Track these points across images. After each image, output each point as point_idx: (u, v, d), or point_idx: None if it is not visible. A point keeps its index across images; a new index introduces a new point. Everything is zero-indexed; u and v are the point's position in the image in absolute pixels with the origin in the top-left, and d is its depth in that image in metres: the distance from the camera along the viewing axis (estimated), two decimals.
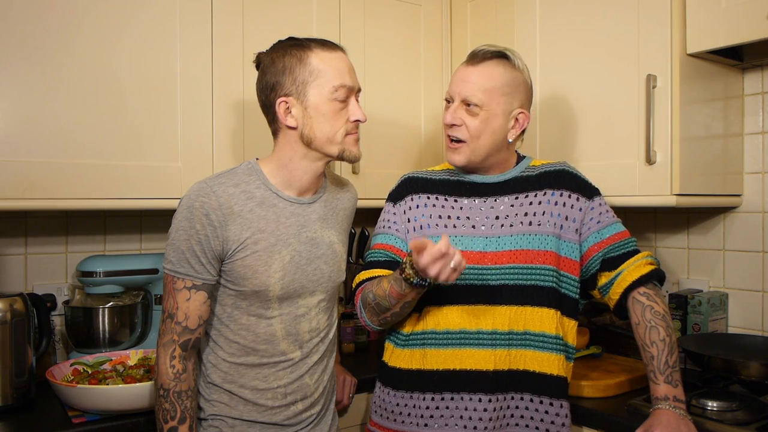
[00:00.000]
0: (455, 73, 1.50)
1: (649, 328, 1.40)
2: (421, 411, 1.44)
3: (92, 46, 1.62)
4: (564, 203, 1.48)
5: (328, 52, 1.37)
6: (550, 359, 1.43)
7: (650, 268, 1.45)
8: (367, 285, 1.48)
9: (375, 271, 1.52)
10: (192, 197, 1.33)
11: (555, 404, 1.43)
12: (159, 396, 1.32)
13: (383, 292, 1.41)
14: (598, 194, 1.52)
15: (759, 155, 1.81)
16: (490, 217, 1.48)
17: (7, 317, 1.54)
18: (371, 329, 1.52)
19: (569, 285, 1.47)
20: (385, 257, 1.53)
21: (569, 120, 1.87)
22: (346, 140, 1.38)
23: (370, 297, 1.45)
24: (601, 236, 1.48)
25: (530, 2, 1.95)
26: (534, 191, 1.50)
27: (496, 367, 1.41)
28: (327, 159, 1.40)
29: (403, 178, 1.61)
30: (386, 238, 1.55)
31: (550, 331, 1.43)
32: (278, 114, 1.37)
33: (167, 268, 1.34)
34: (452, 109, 1.47)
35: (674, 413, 1.31)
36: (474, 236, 1.47)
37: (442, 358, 1.44)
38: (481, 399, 1.40)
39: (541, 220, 1.46)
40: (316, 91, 1.35)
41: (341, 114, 1.37)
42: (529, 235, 1.45)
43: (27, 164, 1.54)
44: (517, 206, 1.48)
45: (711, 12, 1.55)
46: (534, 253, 1.44)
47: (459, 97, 1.46)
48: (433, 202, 1.53)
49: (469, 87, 1.44)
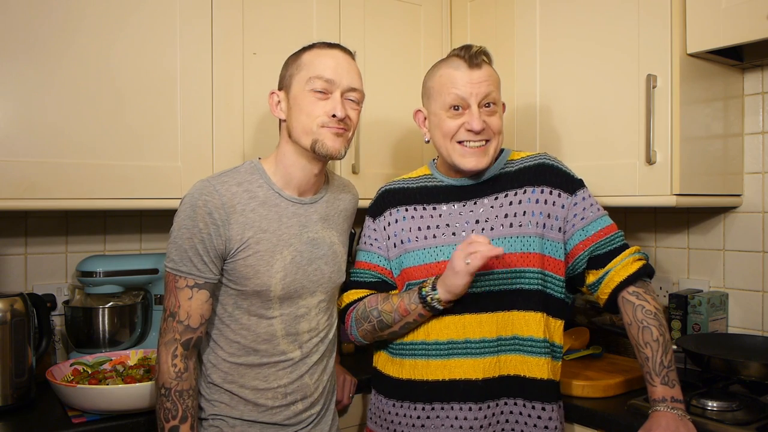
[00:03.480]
0: (456, 78, 1.42)
1: (642, 328, 1.39)
2: (413, 420, 1.44)
3: (92, 44, 1.62)
4: (545, 200, 1.45)
5: (322, 50, 1.39)
6: (539, 363, 1.41)
7: (638, 265, 1.43)
8: (368, 301, 1.48)
9: (362, 291, 1.54)
10: (195, 195, 1.33)
11: (547, 408, 1.42)
12: (160, 395, 1.32)
13: (391, 308, 1.42)
14: (581, 186, 1.48)
15: (759, 155, 1.81)
16: (470, 222, 1.46)
17: (7, 317, 1.54)
18: (360, 344, 1.54)
19: (555, 285, 1.45)
20: (372, 278, 1.54)
21: (569, 120, 1.87)
22: (321, 132, 1.35)
23: (374, 314, 1.45)
24: (586, 233, 1.45)
25: (530, 2, 1.95)
26: (513, 189, 1.47)
27: (486, 375, 1.40)
28: (315, 156, 1.38)
29: (380, 192, 1.60)
30: (369, 257, 1.56)
31: (538, 335, 1.41)
32: (270, 106, 1.43)
33: (169, 267, 1.34)
34: (475, 114, 1.40)
35: (673, 415, 1.30)
36: (455, 244, 1.44)
37: (432, 368, 1.43)
38: (471, 408, 1.40)
39: (522, 220, 1.43)
40: (297, 82, 1.38)
41: (318, 105, 1.35)
42: (511, 238, 1.43)
43: (27, 164, 1.54)
44: (497, 207, 1.46)
45: (711, 12, 1.55)
46: (517, 257, 1.42)
47: (477, 99, 1.41)
48: (411, 214, 1.51)
49: (485, 87, 1.42)
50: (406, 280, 1.50)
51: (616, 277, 1.42)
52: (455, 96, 1.42)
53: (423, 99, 1.53)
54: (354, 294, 1.54)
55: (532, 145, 1.94)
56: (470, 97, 1.41)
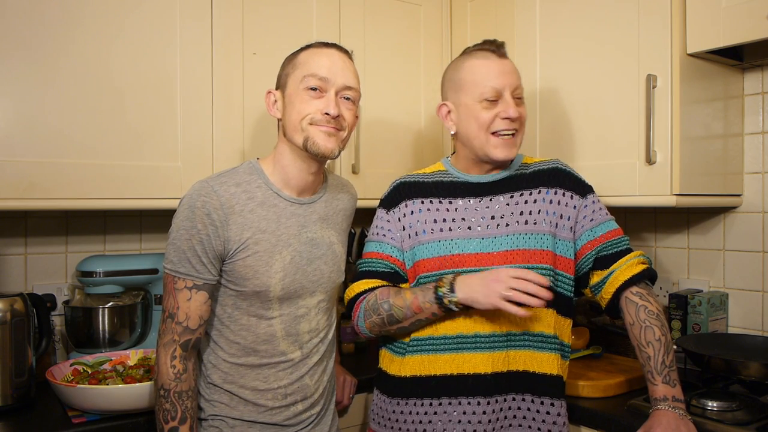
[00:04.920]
0: (489, 69, 1.44)
1: (644, 328, 1.40)
2: (420, 417, 1.44)
3: (92, 44, 1.62)
4: (558, 201, 1.48)
5: (318, 48, 1.39)
6: (549, 359, 1.43)
7: (642, 267, 1.45)
8: (380, 293, 1.46)
9: (373, 281, 1.51)
10: (194, 197, 1.33)
11: (556, 404, 1.42)
12: (159, 396, 1.32)
13: (403, 303, 1.41)
14: (592, 192, 1.52)
15: (759, 155, 1.81)
16: (486, 218, 1.47)
17: (7, 317, 1.54)
18: (364, 336, 1.52)
19: (564, 283, 1.47)
20: (384, 267, 1.52)
21: (569, 120, 1.86)
22: (311, 130, 1.35)
23: (384, 307, 1.43)
24: (594, 234, 1.48)
25: (530, 2, 1.95)
26: (528, 189, 1.49)
27: (494, 369, 1.41)
28: (309, 155, 1.37)
29: (395, 184, 1.59)
30: (381, 247, 1.53)
31: (548, 331, 1.43)
32: (267, 105, 1.43)
33: (168, 268, 1.34)
34: (511, 103, 1.43)
35: (674, 414, 1.31)
36: (470, 238, 1.46)
37: (440, 363, 1.43)
38: (480, 402, 1.40)
39: (537, 218, 1.46)
40: (292, 81, 1.39)
41: (311, 103, 1.35)
42: (526, 234, 1.45)
43: (27, 164, 1.54)
44: (513, 205, 1.48)
45: (711, 12, 1.55)
46: (531, 253, 1.43)
47: (510, 89, 1.44)
48: (427, 207, 1.51)
49: (516, 77, 1.46)
50: (418, 272, 1.48)
51: (620, 276, 1.44)
52: (491, 87, 1.43)
53: (448, 93, 1.53)
54: (365, 284, 1.51)
55: (533, 145, 1.94)
56: (504, 87, 1.44)
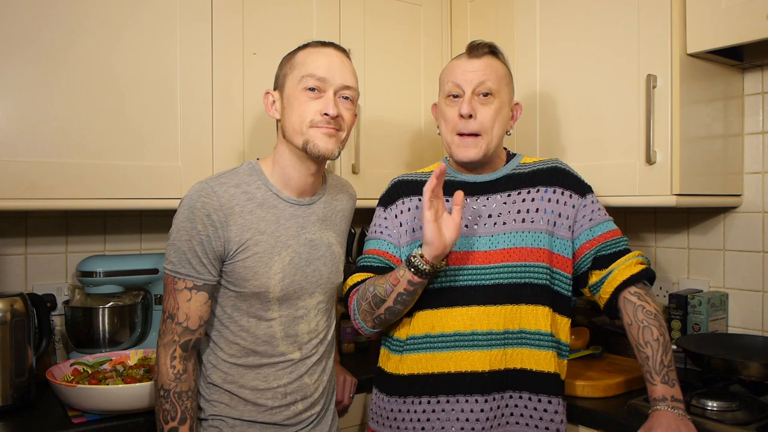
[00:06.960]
0: (455, 67, 1.48)
1: (642, 328, 1.40)
2: (418, 415, 1.44)
3: (92, 45, 1.62)
4: (557, 200, 1.48)
5: (316, 48, 1.39)
6: (546, 357, 1.43)
7: (640, 267, 1.45)
8: (368, 281, 1.47)
9: (367, 275, 1.52)
10: (193, 197, 1.33)
11: (553, 401, 1.42)
12: (159, 396, 1.32)
13: (384, 280, 1.41)
14: (591, 191, 1.52)
15: (759, 155, 1.81)
16: (483, 216, 1.48)
17: (7, 317, 1.54)
18: (365, 333, 1.51)
19: (561, 282, 1.47)
20: (378, 263, 1.53)
21: (569, 120, 1.87)
22: (311, 132, 1.34)
23: (369, 290, 1.44)
24: (593, 234, 1.48)
25: (530, 2, 1.95)
26: (527, 188, 1.50)
27: (492, 367, 1.41)
28: (309, 156, 1.37)
29: (393, 182, 1.61)
30: (379, 244, 1.55)
31: (545, 329, 1.43)
32: (265, 106, 1.42)
33: (168, 269, 1.34)
34: (466, 100, 1.43)
35: (673, 414, 1.31)
36: (467, 236, 1.46)
37: (438, 361, 1.44)
38: (477, 400, 1.40)
39: (534, 217, 1.46)
40: (290, 81, 1.38)
41: (310, 105, 1.34)
42: (523, 233, 1.45)
43: (27, 164, 1.54)
44: (510, 204, 1.48)
45: (711, 12, 1.55)
46: (528, 251, 1.44)
47: (471, 86, 1.44)
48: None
49: (480, 75, 1.44)
50: None
51: (619, 276, 1.44)
52: (452, 84, 1.46)
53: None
54: (358, 276, 1.53)
55: (532, 145, 1.94)
56: (465, 83, 1.44)
